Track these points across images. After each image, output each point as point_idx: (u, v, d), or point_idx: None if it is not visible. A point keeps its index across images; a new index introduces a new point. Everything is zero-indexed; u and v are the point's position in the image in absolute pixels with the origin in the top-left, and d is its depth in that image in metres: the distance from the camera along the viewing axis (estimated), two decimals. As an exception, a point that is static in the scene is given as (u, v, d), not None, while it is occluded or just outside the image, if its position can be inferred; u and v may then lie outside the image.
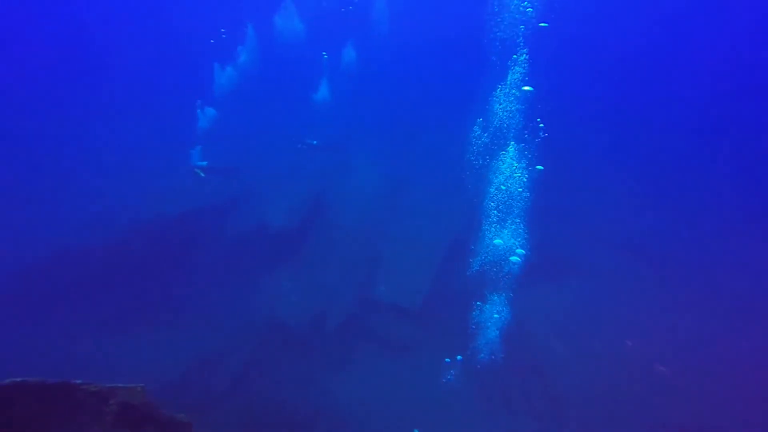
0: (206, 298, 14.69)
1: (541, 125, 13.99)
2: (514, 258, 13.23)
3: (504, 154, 13.65)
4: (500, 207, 13.68)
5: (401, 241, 15.67)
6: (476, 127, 14.67)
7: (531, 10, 13.86)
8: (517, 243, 13.29)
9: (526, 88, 13.37)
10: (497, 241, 13.40)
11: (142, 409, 5.28)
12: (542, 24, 13.81)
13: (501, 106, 13.94)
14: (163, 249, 15.08)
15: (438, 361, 13.66)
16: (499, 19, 14.43)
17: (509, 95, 13.75)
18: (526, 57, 13.61)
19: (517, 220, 13.53)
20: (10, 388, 4.49)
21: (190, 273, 15.07)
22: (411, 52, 21.37)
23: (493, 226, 13.64)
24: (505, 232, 13.49)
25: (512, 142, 13.70)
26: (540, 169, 13.51)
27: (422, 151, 18.54)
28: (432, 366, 13.65)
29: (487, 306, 13.05)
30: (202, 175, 14.75)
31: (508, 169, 13.56)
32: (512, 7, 14.06)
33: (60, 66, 21.79)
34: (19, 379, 4.55)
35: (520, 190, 13.46)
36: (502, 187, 13.62)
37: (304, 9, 21.62)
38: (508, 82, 13.67)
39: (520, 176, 13.44)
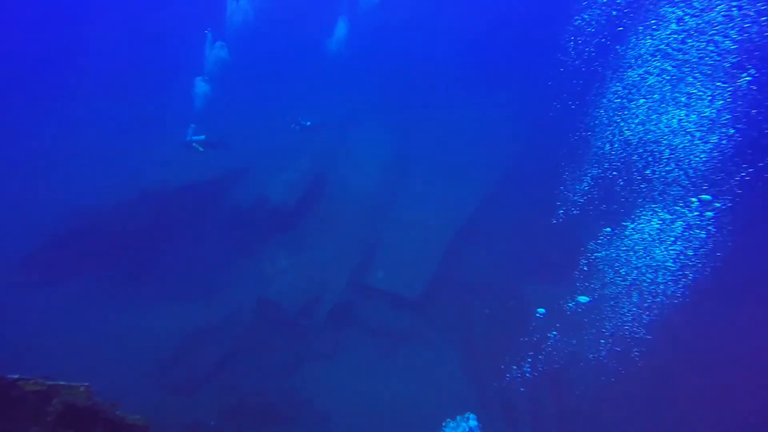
0: (200, 273, 14.08)
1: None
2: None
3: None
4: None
5: (403, 224, 14.90)
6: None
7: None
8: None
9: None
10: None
11: (89, 410, 4.58)
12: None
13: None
14: (156, 223, 14.39)
15: (436, 354, 13.09)
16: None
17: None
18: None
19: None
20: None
21: (184, 247, 14.40)
22: (415, 27, 20.29)
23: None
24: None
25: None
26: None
27: (430, 132, 17.57)
28: (428, 359, 13.12)
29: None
30: (201, 149, 14.02)
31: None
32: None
33: (49, 46, 20.67)
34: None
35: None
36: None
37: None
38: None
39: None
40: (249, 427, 10.58)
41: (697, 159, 11.89)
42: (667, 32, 11.74)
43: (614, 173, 14.80)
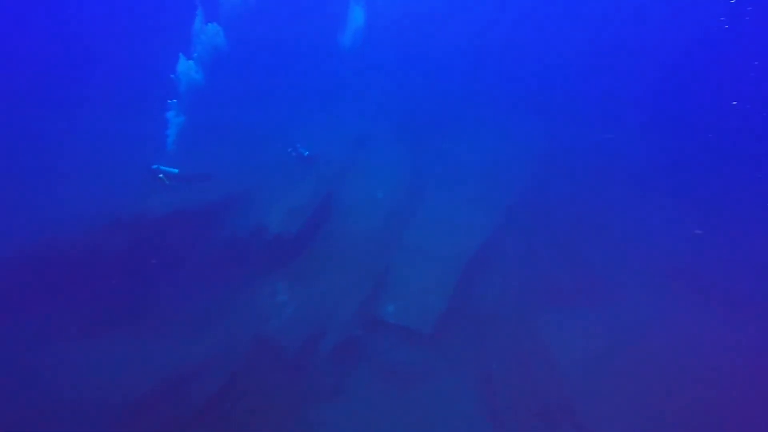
0: (190, 306, 12.91)
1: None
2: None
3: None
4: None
5: (415, 253, 13.82)
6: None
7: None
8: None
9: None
10: None
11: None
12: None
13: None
14: (145, 251, 13.41)
15: (451, 394, 11.68)
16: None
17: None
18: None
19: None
20: None
21: (174, 277, 13.33)
22: (427, 46, 19.96)
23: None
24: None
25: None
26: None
27: (442, 153, 16.84)
28: (443, 399, 11.71)
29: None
30: (167, 182, 13.34)
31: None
32: None
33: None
34: None
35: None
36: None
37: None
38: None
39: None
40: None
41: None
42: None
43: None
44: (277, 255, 13.58)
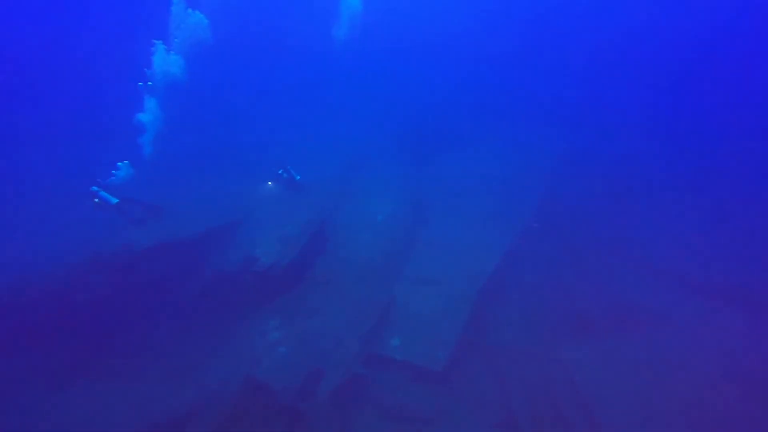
0: (175, 349, 11.73)
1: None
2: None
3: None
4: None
5: (421, 281, 12.58)
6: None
7: None
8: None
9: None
10: None
11: None
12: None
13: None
14: (126, 289, 12.29)
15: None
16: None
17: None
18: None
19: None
20: None
21: (157, 317, 12.17)
22: (428, 50, 18.92)
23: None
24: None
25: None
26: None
27: (447, 168, 15.65)
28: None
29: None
30: (96, 201, 12.33)
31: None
32: None
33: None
34: None
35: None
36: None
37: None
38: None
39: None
40: None
41: None
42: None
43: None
44: (268, 289, 12.36)
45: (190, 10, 14.30)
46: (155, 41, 13.65)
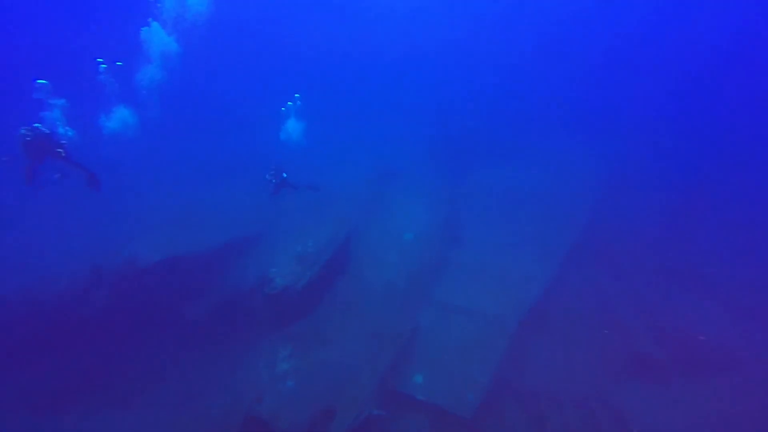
0: (176, 372, 10.74)
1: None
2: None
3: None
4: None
5: (449, 310, 11.14)
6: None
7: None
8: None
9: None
10: None
11: None
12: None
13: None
14: (129, 309, 11.40)
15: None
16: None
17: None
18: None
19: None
20: None
21: (160, 335, 11.21)
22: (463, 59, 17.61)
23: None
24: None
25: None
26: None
27: (483, 185, 14.17)
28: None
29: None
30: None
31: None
32: None
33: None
34: None
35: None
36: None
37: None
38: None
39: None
40: None
41: None
42: None
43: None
44: (281, 313, 11.18)
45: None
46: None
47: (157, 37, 13.55)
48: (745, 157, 16.72)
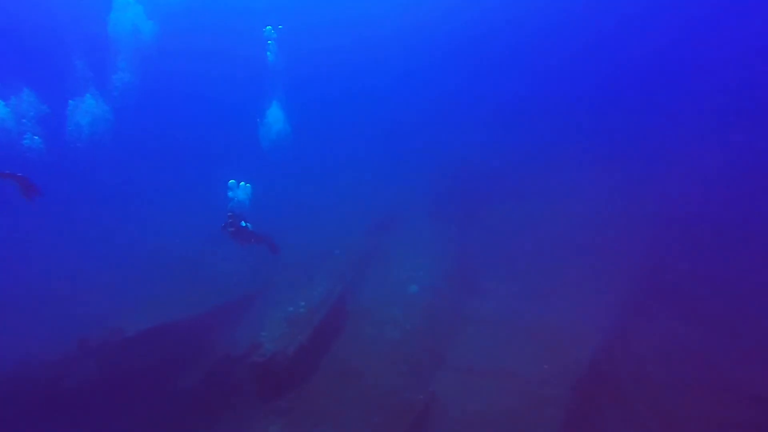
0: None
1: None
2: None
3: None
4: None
5: (466, 376, 9.43)
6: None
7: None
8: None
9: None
10: None
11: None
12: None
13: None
14: (110, 374, 10.21)
15: None
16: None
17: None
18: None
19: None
20: None
21: (139, 412, 9.87)
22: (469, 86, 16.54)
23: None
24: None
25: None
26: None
27: (499, 229, 12.64)
28: None
29: None
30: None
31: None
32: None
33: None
34: None
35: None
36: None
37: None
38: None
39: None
40: None
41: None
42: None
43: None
44: (270, 383, 9.67)
45: None
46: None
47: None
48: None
